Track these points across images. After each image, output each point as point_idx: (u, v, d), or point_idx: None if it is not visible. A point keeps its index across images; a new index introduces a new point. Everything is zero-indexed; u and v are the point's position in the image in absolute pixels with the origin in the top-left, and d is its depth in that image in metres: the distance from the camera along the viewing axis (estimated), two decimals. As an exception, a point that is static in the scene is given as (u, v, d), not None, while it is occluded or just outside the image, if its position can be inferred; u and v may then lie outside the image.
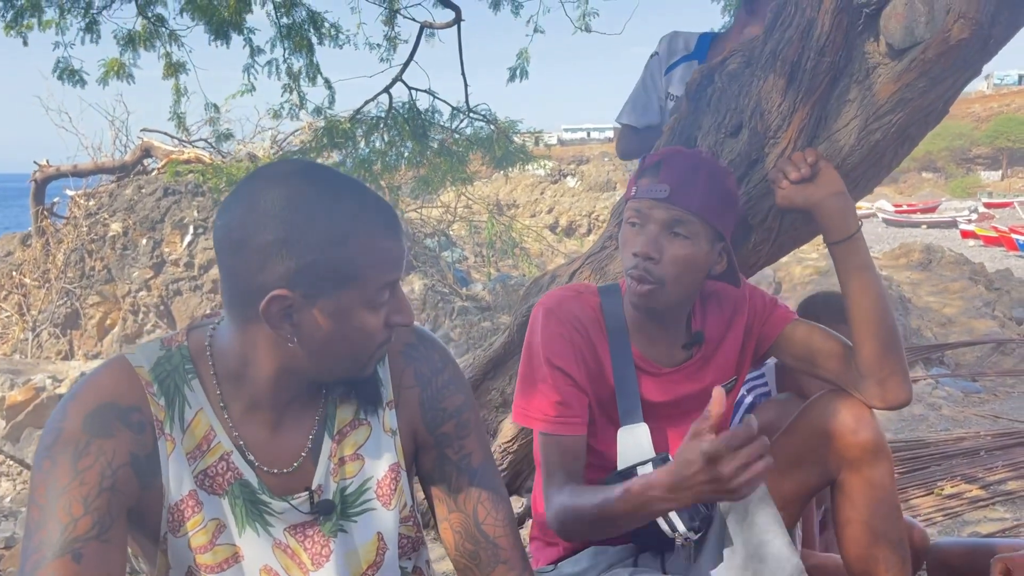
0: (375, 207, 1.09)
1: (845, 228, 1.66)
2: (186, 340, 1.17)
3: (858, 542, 1.63)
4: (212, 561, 1.14)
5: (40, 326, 10.67)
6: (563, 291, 1.73)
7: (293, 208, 1.04)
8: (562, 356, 1.61)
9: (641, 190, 1.59)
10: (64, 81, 5.47)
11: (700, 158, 1.62)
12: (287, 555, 1.18)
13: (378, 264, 1.07)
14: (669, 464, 1.34)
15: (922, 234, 27.62)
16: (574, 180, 29.42)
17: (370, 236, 1.07)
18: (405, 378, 1.26)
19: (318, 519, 1.19)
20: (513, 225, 12.23)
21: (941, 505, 3.55)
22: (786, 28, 1.84)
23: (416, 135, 5.83)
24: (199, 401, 1.13)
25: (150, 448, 1.09)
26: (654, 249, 1.55)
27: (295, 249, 1.03)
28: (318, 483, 1.19)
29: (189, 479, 1.12)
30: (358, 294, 1.07)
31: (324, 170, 1.11)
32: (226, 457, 1.14)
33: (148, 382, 1.11)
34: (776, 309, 1.77)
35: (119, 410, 1.08)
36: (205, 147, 11.31)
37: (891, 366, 1.61)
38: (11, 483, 7.72)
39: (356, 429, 1.22)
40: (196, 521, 1.13)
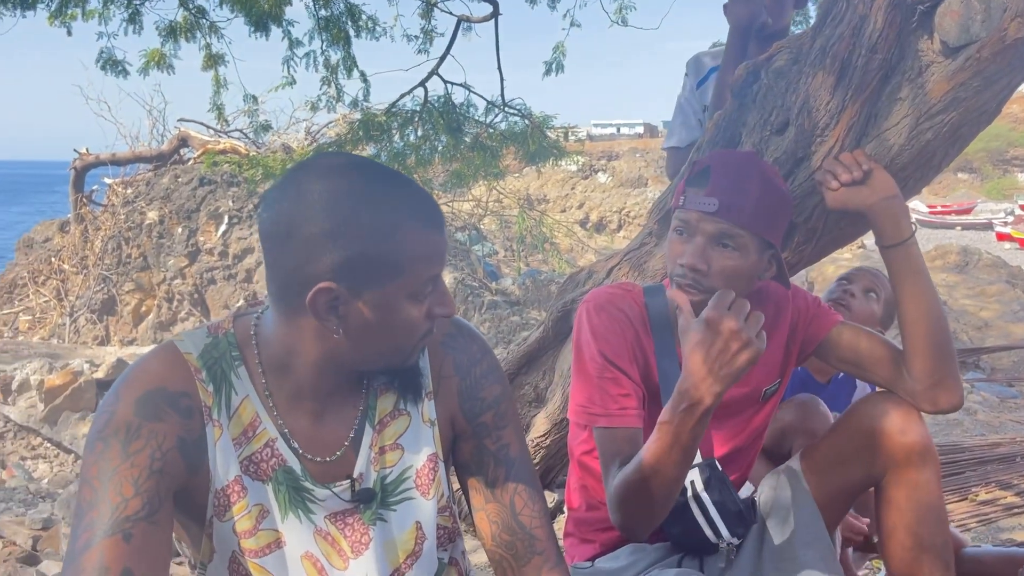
0: (420, 200, 1.10)
1: (899, 232, 1.64)
2: (232, 327, 1.18)
3: (903, 547, 1.61)
4: (255, 546, 1.15)
5: (78, 312, 10.84)
6: (610, 289, 1.72)
7: (340, 200, 1.05)
8: (615, 350, 1.60)
9: (689, 201, 1.56)
10: (107, 71, 5.54)
11: (750, 166, 1.58)
12: (327, 542, 1.19)
13: (423, 257, 1.08)
14: (686, 367, 1.33)
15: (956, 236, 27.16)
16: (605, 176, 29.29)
17: (416, 229, 1.07)
18: (444, 368, 1.28)
19: (358, 507, 1.20)
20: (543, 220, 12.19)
21: (975, 511, 3.50)
22: (837, 24, 1.81)
23: (450, 129, 5.83)
24: (245, 388, 1.15)
25: (198, 433, 1.11)
26: (701, 261, 1.54)
27: (342, 241, 1.04)
28: (359, 471, 1.20)
29: (235, 465, 1.14)
30: (403, 286, 1.08)
31: (370, 163, 1.12)
32: (271, 444, 1.16)
33: (197, 368, 1.13)
34: (821, 311, 1.74)
35: (168, 395, 1.10)
36: (240, 138, 11.43)
37: (943, 371, 1.59)
38: (48, 465, 7.87)
39: (396, 419, 1.24)
40: (241, 506, 1.14)
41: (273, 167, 6.46)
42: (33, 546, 4.74)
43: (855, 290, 2.30)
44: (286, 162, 6.40)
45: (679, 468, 1.39)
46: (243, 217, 10.63)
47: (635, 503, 1.47)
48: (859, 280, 2.32)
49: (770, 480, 1.76)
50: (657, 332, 1.65)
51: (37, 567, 4.02)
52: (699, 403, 1.32)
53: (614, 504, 1.50)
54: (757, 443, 1.81)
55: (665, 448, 1.37)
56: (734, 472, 1.76)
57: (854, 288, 2.31)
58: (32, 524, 4.93)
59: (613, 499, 1.50)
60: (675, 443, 1.35)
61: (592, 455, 1.69)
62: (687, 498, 1.59)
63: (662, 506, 1.48)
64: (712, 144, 2.13)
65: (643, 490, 1.43)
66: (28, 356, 8.53)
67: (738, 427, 1.74)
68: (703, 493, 1.59)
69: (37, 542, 4.78)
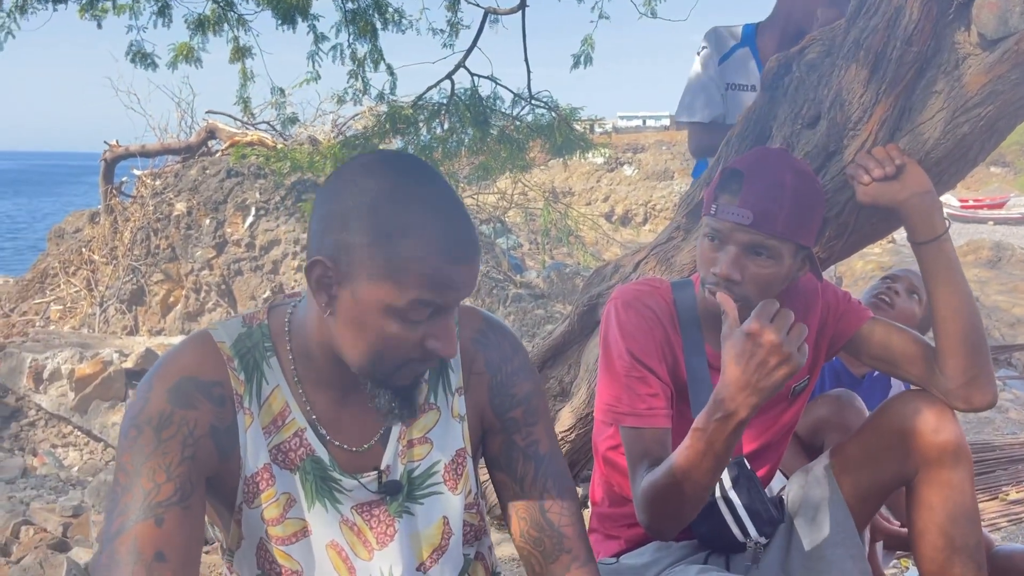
0: (450, 226, 1.06)
1: (932, 229, 1.61)
2: (266, 318, 1.20)
3: (935, 547, 1.59)
4: (282, 533, 1.17)
5: (107, 302, 10.98)
6: (638, 285, 1.70)
7: (369, 190, 1.05)
8: (644, 348, 1.59)
9: (722, 210, 1.52)
10: (136, 64, 5.59)
11: (783, 169, 1.54)
12: (353, 532, 1.20)
13: (418, 277, 1.04)
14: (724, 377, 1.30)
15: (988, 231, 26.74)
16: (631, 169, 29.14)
17: (422, 248, 1.04)
18: (475, 365, 1.28)
19: (385, 499, 1.21)
20: (569, 213, 12.16)
21: (1006, 511, 3.47)
22: (871, 16, 1.78)
23: (477, 122, 5.82)
24: (276, 378, 1.17)
25: (229, 421, 1.13)
26: (735, 271, 1.51)
27: (349, 225, 1.05)
28: (386, 463, 1.21)
29: (265, 453, 1.16)
30: (389, 296, 1.05)
31: (427, 171, 1.10)
32: (300, 433, 1.17)
33: (229, 357, 1.15)
34: (851, 306, 1.72)
35: (201, 383, 1.12)
36: (267, 130, 11.49)
37: (976, 369, 1.57)
38: (79, 453, 7.99)
39: (425, 413, 1.24)
40: (269, 494, 1.16)
41: (300, 160, 6.48)
42: (63, 533, 4.81)
43: (899, 288, 2.30)
44: (313, 155, 6.42)
45: (711, 475, 1.38)
46: (270, 209, 10.70)
47: (664, 506, 1.46)
48: (903, 280, 2.32)
49: (799, 478, 1.74)
50: (685, 328, 1.63)
51: (67, 554, 4.08)
52: (734, 414, 1.31)
53: (642, 505, 1.49)
54: (786, 439, 1.80)
55: (698, 455, 1.36)
56: (762, 468, 1.75)
57: (898, 287, 2.30)
58: (63, 511, 5.00)
59: (641, 501, 1.49)
60: (708, 451, 1.34)
61: (617, 451, 1.68)
62: (715, 497, 1.58)
63: (691, 510, 1.47)
64: (742, 138, 2.10)
65: (673, 494, 1.42)
66: (59, 345, 8.65)
67: (767, 424, 1.72)
68: (731, 492, 1.58)
69: (67, 529, 4.85)
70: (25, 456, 7.77)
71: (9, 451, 7.87)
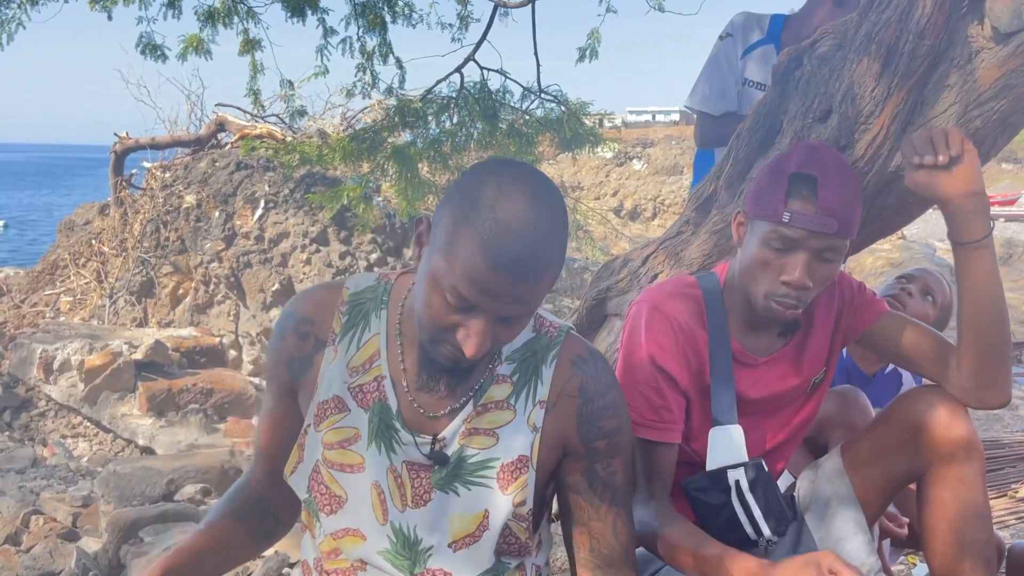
0: (514, 239, 1.08)
1: (972, 231, 1.50)
2: (395, 279, 1.36)
3: (945, 543, 1.58)
4: (338, 459, 1.30)
5: (117, 293, 11.03)
6: (667, 286, 1.68)
7: (479, 180, 1.13)
8: (667, 356, 1.57)
9: (798, 217, 1.45)
10: (146, 56, 5.59)
11: (845, 171, 1.51)
12: (396, 483, 1.29)
13: (462, 268, 1.10)
14: (770, 564, 1.36)
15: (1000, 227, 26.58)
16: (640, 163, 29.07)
17: (475, 245, 1.08)
18: (569, 387, 1.30)
19: (433, 466, 1.28)
20: (578, 207, 12.15)
21: (1014, 508, 3.47)
22: (883, 9, 1.77)
23: (486, 116, 5.81)
24: (379, 327, 1.31)
25: (307, 352, 1.32)
26: (808, 277, 1.48)
27: (449, 200, 1.15)
28: (444, 435, 1.28)
29: (339, 385, 1.30)
30: (439, 271, 1.13)
31: (538, 187, 1.14)
32: (379, 379, 1.30)
33: (343, 301, 1.33)
34: (866, 299, 1.69)
35: (296, 319, 1.34)
36: (276, 123, 11.51)
37: (994, 372, 1.54)
38: (88, 444, 8.03)
39: (502, 410, 1.29)
40: (333, 420, 1.30)
41: (309, 153, 6.48)
42: (73, 523, 4.84)
43: (913, 289, 2.28)
44: (322, 148, 6.41)
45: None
46: (279, 202, 10.72)
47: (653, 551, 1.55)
48: (919, 281, 2.30)
49: (809, 474, 1.74)
50: (712, 324, 1.61)
51: (77, 543, 4.10)
52: None
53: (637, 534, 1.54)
54: (802, 433, 1.79)
55: (689, 566, 1.44)
56: (777, 463, 1.75)
57: (912, 288, 2.28)
58: (72, 501, 5.04)
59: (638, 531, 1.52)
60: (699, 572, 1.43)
61: None
62: (730, 497, 1.57)
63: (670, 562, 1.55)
64: (752, 132, 2.09)
65: (666, 557, 1.53)
66: (69, 337, 8.69)
67: (786, 419, 1.71)
68: (748, 495, 1.57)
69: (77, 519, 4.88)
70: (35, 446, 7.82)
71: (19, 441, 7.92)
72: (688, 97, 2.83)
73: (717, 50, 2.78)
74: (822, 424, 2.03)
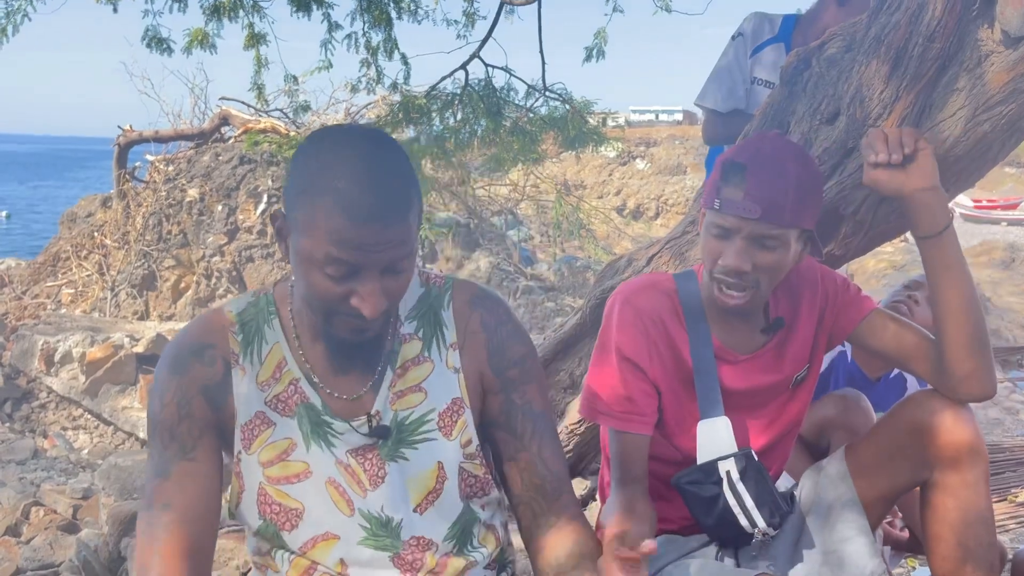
0: (356, 188, 1.13)
1: (934, 224, 1.55)
2: (272, 289, 1.36)
3: (948, 547, 1.58)
4: (281, 474, 1.27)
5: (119, 286, 11.03)
6: (640, 281, 1.71)
7: (313, 154, 1.17)
8: (635, 348, 1.59)
9: (726, 204, 1.50)
10: (152, 49, 5.58)
11: (785, 158, 1.52)
12: (348, 473, 1.28)
13: (326, 234, 1.13)
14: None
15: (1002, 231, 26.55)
16: (643, 163, 29.03)
17: (326, 206, 1.12)
18: (471, 324, 1.36)
19: (377, 443, 1.29)
20: (580, 206, 12.13)
21: (1014, 512, 3.47)
22: (893, 12, 1.76)
23: (490, 113, 5.80)
24: (275, 336, 1.30)
25: (220, 377, 1.27)
26: (745, 262, 1.50)
27: (290, 180, 1.19)
28: (376, 408, 1.29)
29: (258, 402, 1.28)
30: (307, 248, 1.15)
31: (366, 142, 1.19)
32: (295, 383, 1.29)
33: (232, 323, 1.30)
34: (851, 296, 1.69)
35: (194, 348, 1.28)
36: (280, 117, 11.50)
37: (974, 363, 1.55)
38: (88, 436, 8.04)
39: (420, 365, 1.33)
40: (264, 438, 1.28)
41: (313, 148, 6.46)
42: (73, 515, 4.85)
43: (919, 297, 2.27)
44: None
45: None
46: (282, 197, 10.71)
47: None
48: (925, 288, 2.27)
49: (811, 476, 1.73)
50: (690, 321, 1.63)
51: (77, 535, 4.11)
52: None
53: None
54: (793, 432, 1.79)
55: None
56: (771, 464, 1.74)
57: (918, 295, 2.27)
58: (72, 493, 5.04)
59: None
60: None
61: None
62: (722, 489, 1.57)
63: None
64: (759, 132, 2.09)
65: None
66: (70, 329, 8.70)
67: (772, 416, 1.71)
68: (739, 484, 1.57)
69: (77, 511, 4.89)
70: (36, 438, 7.83)
71: (20, 432, 7.93)
72: (698, 95, 2.85)
73: (727, 50, 2.80)
74: (823, 427, 2.02)
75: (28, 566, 3.95)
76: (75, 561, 3.59)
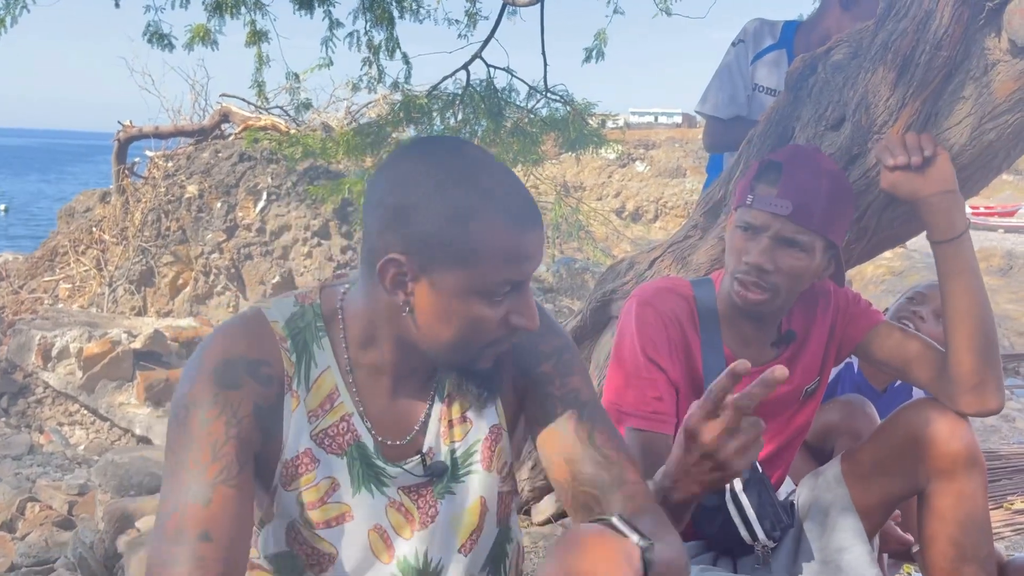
0: (513, 197, 1.06)
1: (951, 228, 1.57)
2: (319, 298, 1.19)
3: (944, 556, 1.58)
4: (321, 518, 1.16)
5: (116, 282, 11.01)
6: (658, 283, 1.70)
7: (429, 176, 1.04)
8: (657, 348, 1.58)
9: (759, 200, 1.52)
10: (153, 45, 5.58)
11: (822, 164, 1.55)
12: (400, 513, 1.19)
13: (499, 254, 1.04)
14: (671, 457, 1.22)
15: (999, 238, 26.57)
16: (643, 165, 29.02)
17: (496, 224, 1.04)
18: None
19: (431, 481, 1.20)
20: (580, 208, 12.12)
21: (1010, 520, 3.46)
22: (900, 19, 1.76)
23: (491, 113, 5.80)
24: (326, 360, 1.16)
25: (274, 401, 1.12)
26: (768, 261, 1.51)
27: (418, 215, 1.03)
28: (428, 446, 1.20)
29: (307, 437, 1.15)
30: (472, 279, 1.05)
31: (474, 149, 1.10)
32: (347, 418, 1.16)
33: (282, 337, 1.14)
34: (860, 308, 1.71)
35: (248, 362, 1.10)
36: (281, 115, 11.48)
37: (985, 373, 1.55)
38: (85, 432, 8.02)
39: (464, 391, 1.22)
40: (309, 478, 1.15)
41: (312, 146, 6.47)
42: (69, 511, 4.84)
43: (924, 312, 2.23)
44: (325, 141, 6.41)
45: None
46: (281, 194, 10.70)
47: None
48: (931, 302, 2.24)
49: (809, 482, 1.73)
50: (705, 327, 1.62)
51: (73, 531, 4.10)
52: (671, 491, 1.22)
53: None
54: (797, 441, 1.79)
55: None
56: (775, 471, 1.74)
57: (923, 311, 2.24)
58: (68, 489, 5.03)
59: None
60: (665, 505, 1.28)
61: None
62: (725, 499, 1.57)
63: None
64: (763, 138, 2.08)
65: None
66: (68, 324, 8.68)
67: (779, 427, 1.71)
68: (741, 495, 1.57)
69: (73, 507, 4.88)
70: (32, 433, 7.81)
71: (16, 428, 7.91)
72: (699, 102, 2.84)
73: (728, 56, 2.79)
74: (828, 432, 2.02)
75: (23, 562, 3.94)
76: (70, 558, 3.58)
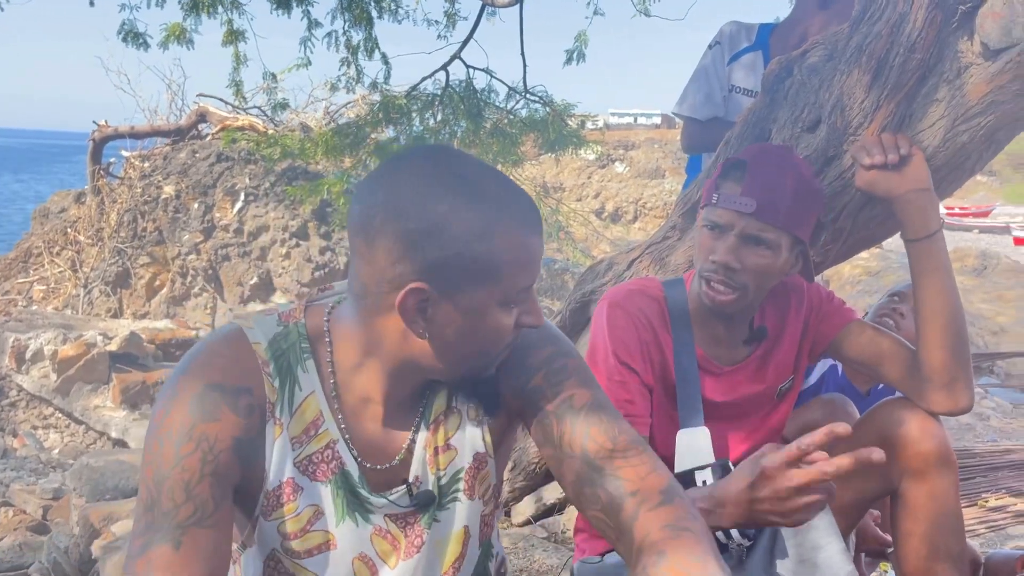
0: (520, 202, 1.05)
1: (925, 226, 1.59)
2: (303, 317, 1.14)
3: (917, 555, 1.59)
4: (302, 547, 1.12)
5: (92, 283, 10.89)
6: (629, 285, 1.71)
7: (438, 198, 0.99)
8: (629, 350, 1.59)
9: (724, 198, 1.53)
10: (128, 43, 5.54)
11: (787, 162, 1.56)
12: (386, 540, 1.16)
13: (520, 263, 1.04)
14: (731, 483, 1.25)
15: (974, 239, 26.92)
16: (622, 166, 29.13)
17: (514, 233, 1.02)
18: None
19: (419, 509, 1.17)
20: (559, 208, 12.14)
21: (984, 517, 3.49)
22: (875, 22, 1.78)
23: (471, 114, 5.80)
24: (311, 384, 1.10)
25: (255, 432, 1.07)
26: (734, 259, 1.52)
27: (438, 241, 0.99)
28: (415, 474, 1.16)
29: (290, 465, 1.10)
30: (496, 292, 1.03)
31: (468, 159, 1.07)
32: (332, 445, 1.12)
33: (265, 360, 1.08)
34: (833, 306, 1.72)
35: (226, 392, 1.04)
36: (258, 115, 11.41)
37: (956, 371, 1.56)
38: (59, 435, 7.92)
39: (448, 418, 1.18)
40: (291, 508, 1.11)
41: (291, 146, 6.44)
42: (43, 515, 4.78)
43: (904, 310, 2.26)
44: (304, 142, 6.38)
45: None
46: (259, 195, 10.62)
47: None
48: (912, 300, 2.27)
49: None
50: (676, 327, 1.63)
51: (47, 536, 4.05)
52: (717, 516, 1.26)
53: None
54: (773, 439, 1.80)
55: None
56: None
57: (904, 308, 2.26)
58: (43, 494, 4.97)
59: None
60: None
61: None
62: None
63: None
64: (740, 140, 2.10)
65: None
66: (42, 326, 8.57)
67: (754, 426, 1.72)
68: None
69: (47, 511, 4.82)
70: (5, 437, 7.71)
71: (-11, 431, 7.79)
72: (676, 104, 2.85)
73: (705, 58, 2.81)
74: (808, 430, 2.03)
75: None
76: (45, 563, 3.54)
